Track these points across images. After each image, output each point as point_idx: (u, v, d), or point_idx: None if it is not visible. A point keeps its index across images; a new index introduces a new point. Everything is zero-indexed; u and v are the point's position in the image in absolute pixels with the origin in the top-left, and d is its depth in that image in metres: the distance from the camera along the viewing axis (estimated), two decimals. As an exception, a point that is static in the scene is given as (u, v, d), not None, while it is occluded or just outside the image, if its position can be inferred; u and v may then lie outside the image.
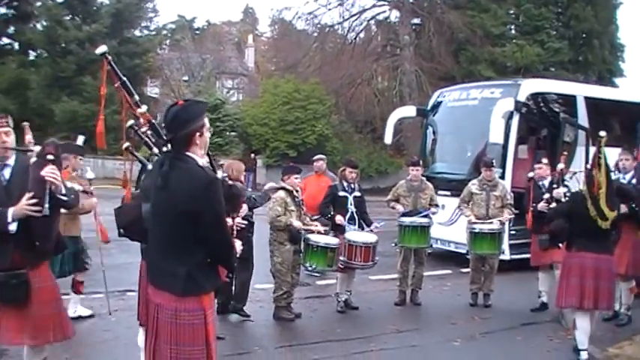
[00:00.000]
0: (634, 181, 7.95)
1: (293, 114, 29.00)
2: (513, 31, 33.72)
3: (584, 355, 6.45)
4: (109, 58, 3.80)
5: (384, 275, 10.14)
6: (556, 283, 7.73)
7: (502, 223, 9.10)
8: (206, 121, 3.57)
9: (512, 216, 9.45)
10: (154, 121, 3.99)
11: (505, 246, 11.24)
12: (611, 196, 6.40)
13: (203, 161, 3.60)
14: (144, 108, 3.92)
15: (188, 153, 3.44)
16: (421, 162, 9.93)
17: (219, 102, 30.16)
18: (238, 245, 4.09)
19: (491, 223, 8.94)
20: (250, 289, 8.07)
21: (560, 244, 7.06)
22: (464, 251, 9.98)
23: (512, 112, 11.65)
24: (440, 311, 8.81)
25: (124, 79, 3.89)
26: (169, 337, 3.39)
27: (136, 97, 3.93)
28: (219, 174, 4.32)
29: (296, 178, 8.02)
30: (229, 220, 5.08)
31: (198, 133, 3.47)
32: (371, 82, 32.34)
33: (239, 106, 33.82)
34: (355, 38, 35.01)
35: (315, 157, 11.05)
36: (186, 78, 34.35)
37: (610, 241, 6.81)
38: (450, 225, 11.77)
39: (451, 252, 12.00)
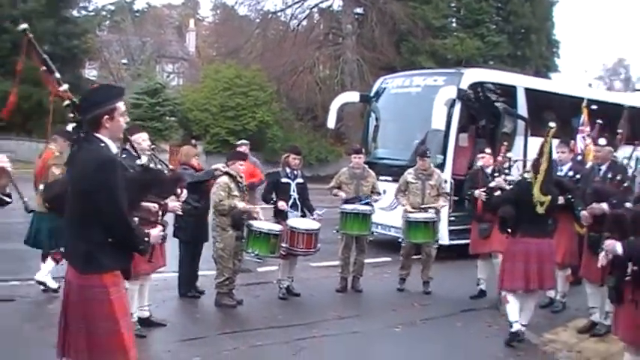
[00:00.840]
0: (570, 173, 8.14)
1: (234, 100, 28.71)
2: (454, 24, 34.15)
3: (516, 326, 6.76)
4: (30, 35, 3.67)
5: (326, 262, 10.11)
6: (495, 271, 7.89)
7: (437, 212, 9.19)
8: (119, 105, 3.64)
9: (447, 204, 9.61)
10: (75, 100, 3.86)
11: (444, 232, 11.43)
12: (547, 182, 6.70)
13: (112, 144, 3.64)
14: (65, 86, 3.79)
15: (97, 135, 3.54)
16: (363, 150, 9.95)
17: (160, 86, 29.57)
18: (157, 230, 4.02)
19: (426, 211, 9.02)
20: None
21: (509, 230, 7.14)
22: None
23: (454, 100, 11.75)
24: (381, 298, 8.86)
25: (45, 56, 3.75)
26: (75, 312, 3.52)
27: (57, 75, 3.79)
28: (144, 159, 4.25)
29: (241, 165, 7.93)
30: (155, 205, 4.97)
31: (107, 117, 3.56)
32: (313, 70, 32.26)
33: (179, 90, 33.29)
34: (298, 26, 34.88)
35: (238, 142, 10.94)
36: (125, 61, 33.55)
37: (549, 225, 7.12)
38: (391, 210, 11.82)
39: (391, 240, 12.03)
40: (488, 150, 9.16)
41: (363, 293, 8.98)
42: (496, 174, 8.65)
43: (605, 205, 6.78)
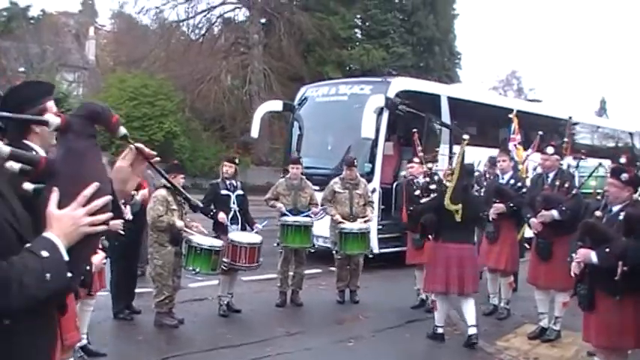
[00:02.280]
0: (512, 181, 8.21)
1: (140, 110, 27.72)
2: (360, 35, 34.48)
3: (440, 329, 7.19)
4: None
5: (257, 276, 9.77)
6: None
7: (366, 221, 9.07)
8: (50, 105, 2.98)
9: (374, 213, 9.56)
10: None
11: (374, 240, 11.36)
12: (457, 191, 6.89)
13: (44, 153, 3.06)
14: None
15: (26, 142, 2.93)
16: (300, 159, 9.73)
17: (63, 95, 28.19)
18: (99, 257, 3.53)
19: (355, 221, 8.93)
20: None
21: (431, 237, 7.36)
22: (331, 246, 9.80)
23: (382, 109, 11.73)
24: (323, 311, 8.67)
25: None
26: None
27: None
28: None
29: (183, 178, 7.53)
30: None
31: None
32: (219, 79, 31.69)
33: (83, 100, 31.89)
34: (203, 35, 34.32)
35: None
36: (23, 69, 31.85)
37: (472, 232, 7.45)
38: (318, 220, 11.66)
39: (320, 250, 11.85)
40: (416, 159, 9.11)
41: (303, 307, 8.72)
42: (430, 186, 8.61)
43: (555, 212, 6.87)
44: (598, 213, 5.03)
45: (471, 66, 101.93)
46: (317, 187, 11.30)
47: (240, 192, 8.23)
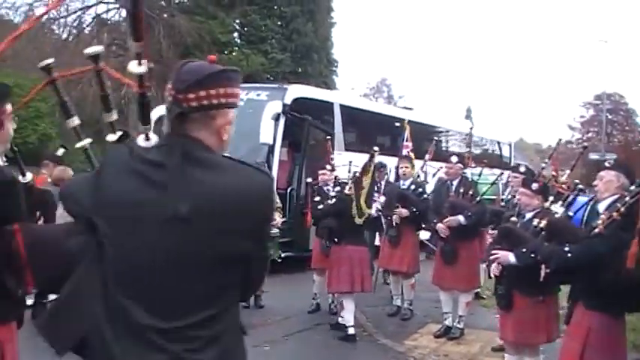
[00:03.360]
0: (412, 187, 8.60)
1: (14, 111, 26.36)
2: (239, 40, 34.48)
3: (351, 330, 7.46)
4: None
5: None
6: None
7: (273, 227, 9.23)
8: (8, 108, 3.09)
9: (284, 219, 9.74)
10: None
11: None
12: (369, 197, 7.42)
13: None
14: None
15: None
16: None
17: None
18: None
19: None
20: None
21: (335, 240, 7.71)
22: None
23: (279, 115, 11.93)
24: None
25: None
26: None
27: None
28: (29, 176, 3.61)
29: None
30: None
31: None
32: (95, 81, 30.59)
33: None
34: (77, 35, 33.09)
35: None
36: None
37: (363, 235, 8.03)
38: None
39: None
40: (328, 166, 9.33)
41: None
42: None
43: (461, 218, 7.31)
44: (513, 219, 5.47)
45: (343, 73, 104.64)
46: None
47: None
